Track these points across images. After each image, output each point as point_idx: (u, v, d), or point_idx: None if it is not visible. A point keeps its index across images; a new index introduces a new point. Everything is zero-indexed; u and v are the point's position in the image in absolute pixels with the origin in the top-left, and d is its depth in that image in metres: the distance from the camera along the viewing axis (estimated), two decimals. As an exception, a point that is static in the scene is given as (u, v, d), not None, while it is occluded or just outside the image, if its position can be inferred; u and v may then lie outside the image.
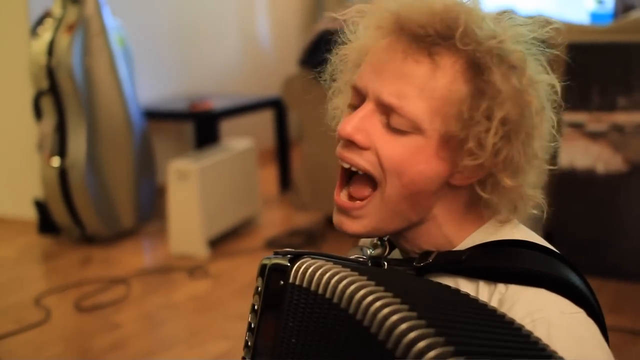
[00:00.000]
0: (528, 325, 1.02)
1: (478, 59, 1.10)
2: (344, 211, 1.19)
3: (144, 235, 4.87)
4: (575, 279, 1.13)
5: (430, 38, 1.11)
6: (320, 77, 1.29)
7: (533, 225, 1.25)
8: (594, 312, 1.11)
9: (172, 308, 3.85)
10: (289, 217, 5.21)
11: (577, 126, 3.89)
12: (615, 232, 3.84)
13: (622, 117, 3.83)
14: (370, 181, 1.17)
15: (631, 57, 3.84)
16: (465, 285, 1.13)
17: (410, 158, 1.12)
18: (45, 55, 4.46)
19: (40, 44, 4.50)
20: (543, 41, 1.17)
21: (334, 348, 1.04)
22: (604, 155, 3.86)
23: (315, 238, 4.54)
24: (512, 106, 1.09)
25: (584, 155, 3.89)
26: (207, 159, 4.56)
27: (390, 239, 1.26)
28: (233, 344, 3.27)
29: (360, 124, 1.14)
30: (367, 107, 1.15)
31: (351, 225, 1.18)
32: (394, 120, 1.12)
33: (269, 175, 5.81)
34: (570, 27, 4.32)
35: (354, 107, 1.19)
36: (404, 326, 0.91)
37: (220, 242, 4.56)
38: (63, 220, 4.63)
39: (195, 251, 4.39)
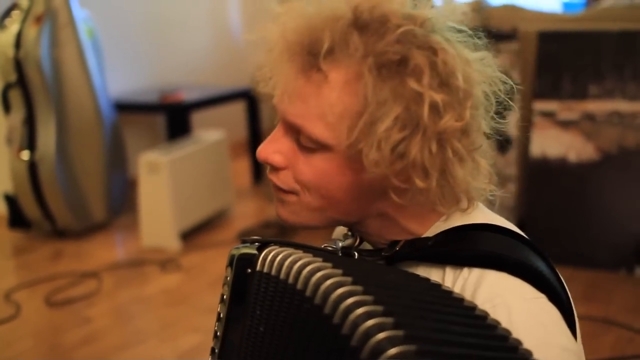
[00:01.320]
0: (489, 310, 1.01)
1: (357, 69, 1.07)
2: (276, 196, 1.21)
3: (116, 228, 4.83)
4: (539, 263, 1.12)
5: (314, 55, 1.10)
6: None
7: (506, 214, 1.25)
8: (557, 297, 1.09)
9: (144, 302, 3.82)
10: (262, 209, 5.19)
11: (548, 115, 3.90)
12: (587, 220, 3.85)
13: (594, 106, 3.84)
14: None
15: (602, 45, 3.85)
16: (433, 272, 1.12)
17: (324, 174, 1.13)
18: (13, 47, 4.41)
19: (7, 36, 4.44)
20: (469, 27, 1.14)
21: (298, 336, 1.02)
22: (576, 144, 3.87)
23: (288, 230, 4.51)
24: (405, 110, 1.06)
25: (555, 144, 3.89)
26: (178, 151, 4.53)
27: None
28: (205, 337, 3.24)
29: (275, 146, 1.16)
30: (280, 128, 1.17)
31: (282, 210, 1.20)
32: (303, 140, 1.13)
33: (242, 167, 5.79)
34: (541, 16, 4.33)
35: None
36: (370, 321, 0.89)
37: (192, 235, 4.53)
38: (33, 214, 4.59)
39: (167, 244, 4.36)
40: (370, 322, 0.88)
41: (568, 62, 3.92)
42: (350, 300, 0.92)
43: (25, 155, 4.49)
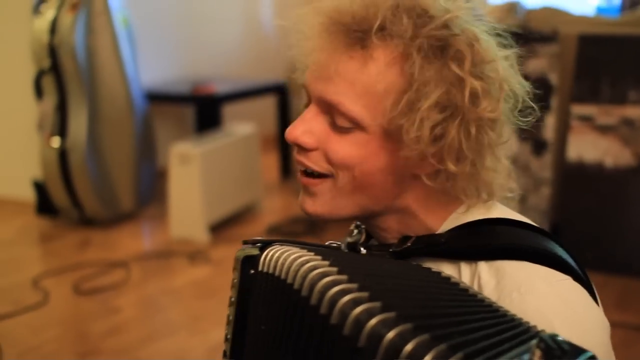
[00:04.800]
0: (517, 299, 1.03)
1: (405, 49, 1.10)
2: (305, 188, 1.20)
3: (144, 218, 4.82)
4: (557, 249, 1.13)
5: (362, 32, 1.11)
6: None
7: (539, 217, 1.24)
8: (580, 278, 1.11)
9: (173, 293, 3.80)
10: (290, 204, 5.16)
11: (586, 119, 3.85)
12: (622, 227, 3.80)
13: (632, 111, 3.78)
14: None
15: (643, 51, 3.79)
16: (447, 268, 1.13)
17: (358, 154, 1.14)
18: (48, 34, 4.41)
19: (42, 22, 4.44)
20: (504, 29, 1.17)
21: (293, 330, 1.03)
22: (613, 149, 3.82)
23: (317, 226, 4.49)
24: (446, 92, 1.09)
25: (592, 148, 3.85)
26: (209, 144, 4.51)
27: (367, 230, 1.28)
28: (235, 331, 3.21)
29: (306, 127, 1.17)
30: (312, 109, 1.17)
31: (310, 204, 1.19)
32: (337, 119, 1.14)
33: (271, 162, 5.77)
34: (581, 19, 4.28)
35: (307, 106, 1.20)
36: (358, 308, 0.89)
37: (221, 228, 4.51)
38: (62, 202, 4.58)
39: (196, 236, 4.34)
40: (359, 309, 0.89)
41: (608, 66, 3.87)
42: (335, 289, 0.93)
43: (55, 142, 4.49)
